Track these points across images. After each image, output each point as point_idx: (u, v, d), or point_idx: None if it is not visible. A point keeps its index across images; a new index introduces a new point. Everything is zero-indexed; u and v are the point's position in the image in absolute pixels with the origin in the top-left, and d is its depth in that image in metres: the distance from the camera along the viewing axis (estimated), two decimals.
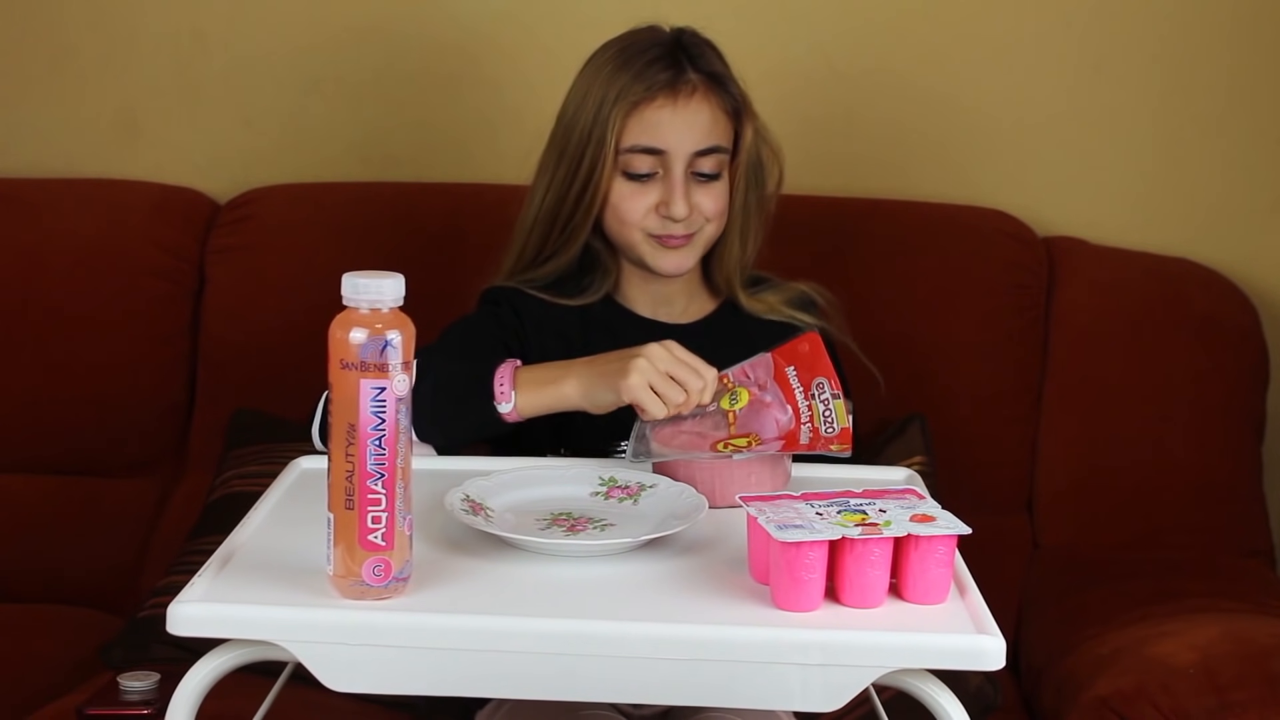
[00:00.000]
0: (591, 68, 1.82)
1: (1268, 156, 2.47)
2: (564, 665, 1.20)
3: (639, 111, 1.77)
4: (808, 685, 1.19)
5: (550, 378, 1.60)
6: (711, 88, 1.80)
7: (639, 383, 1.52)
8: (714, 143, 1.79)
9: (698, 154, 1.78)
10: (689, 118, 1.78)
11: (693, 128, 1.78)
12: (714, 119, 1.80)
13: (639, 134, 1.77)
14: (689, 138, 1.78)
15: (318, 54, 2.52)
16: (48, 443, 2.37)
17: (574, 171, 1.80)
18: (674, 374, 1.53)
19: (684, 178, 1.78)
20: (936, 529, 1.25)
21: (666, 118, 1.77)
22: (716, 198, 1.80)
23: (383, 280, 1.20)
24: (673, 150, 1.77)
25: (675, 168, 1.77)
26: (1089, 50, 2.47)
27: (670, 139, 1.77)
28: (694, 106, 1.78)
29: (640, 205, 1.79)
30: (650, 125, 1.77)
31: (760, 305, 1.87)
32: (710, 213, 1.80)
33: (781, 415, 1.53)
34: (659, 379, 1.52)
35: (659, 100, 1.77)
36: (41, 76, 2.55)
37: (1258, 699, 1.70)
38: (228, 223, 2.43)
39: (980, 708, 1.96)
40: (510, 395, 1.59)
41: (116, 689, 1.89)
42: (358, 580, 1.22)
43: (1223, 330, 2.34)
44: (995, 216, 2.40)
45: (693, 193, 1.79)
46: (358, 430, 1.20)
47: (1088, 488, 2.30)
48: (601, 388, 1.56)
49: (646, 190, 1.79)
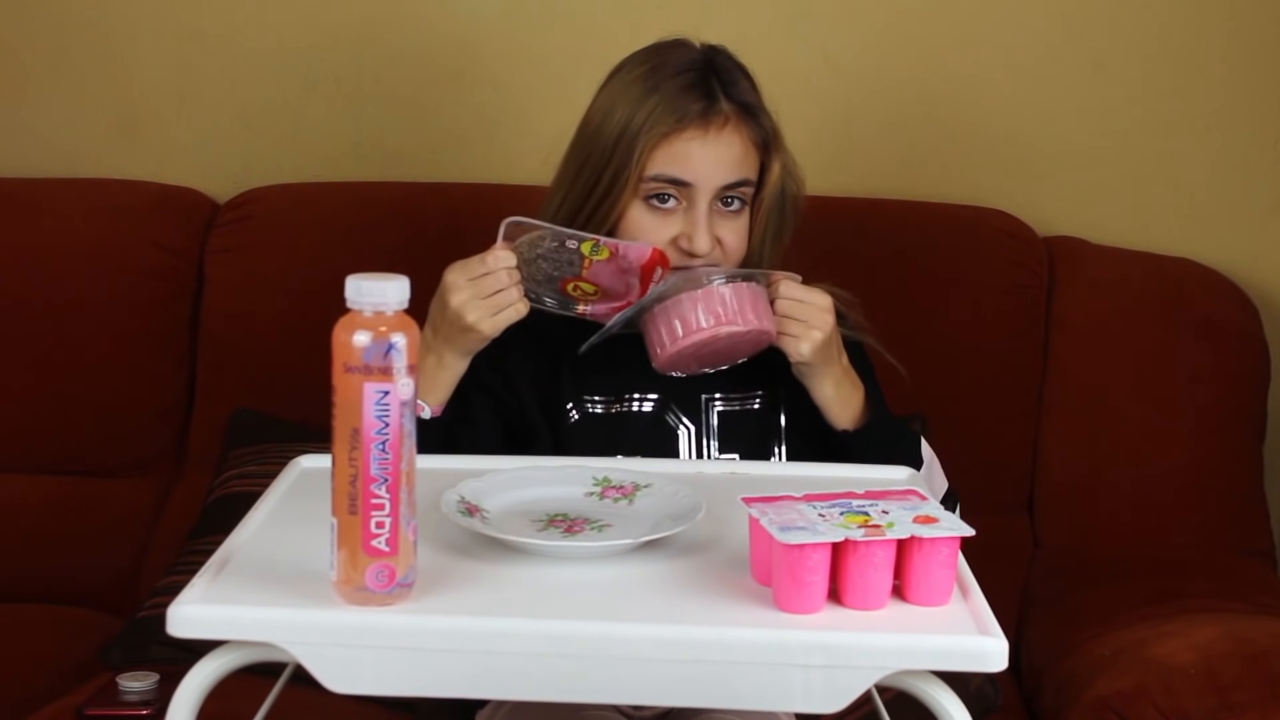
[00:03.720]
0: (620, 83, 1.76)
1: (1268, 156, 2.47)
2: (564, 666, 1.20)
3: (668, 141, 1.71)
4: (810, 686, 1.19)
5: (430, 368, 1.67)
6: (743, 119, 1.74)
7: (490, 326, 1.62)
8: (742, 176, 1.73)
9: (725, 187, 1.73)
10: (719, 151, 1.72)
11: (722, 161, 1.72)
12: (745, 152, 1.74)
13: (665, 163, 1.71)
14: (718, 172, 1.71)
15: (317, 54, 2.52)
16: (48, 443, 2.37)
17: (592, 187, 1.74)
18: (489, 291, 1.62)
19: (708, 212, 1.72)
20: (939, 531, 1.25)
21: (696, 150, 1.71)
22: (738, 232, 1.75)
23: (386, 283, 1.20)
24: (700, 184, 1.71)
25: (700, 202, 1.71)
26: (1089, 50, 2.47)
27: (699, 172, 1.71)
28: (725, 140, 1.72)
29: (660, 237, 1.72)
30: (679, 156, 1.71)
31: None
32: (731, 248, 1.74)
33: (630, 275, 1.64)
34: (490, 307, 1.62)
35: (689, 132, 1.71)
36: (41, 76, 2.55)
37: (1258, 699, 1.70)
38: (227, 223, 2.43)
39: (981, 708, 1.96)
40: (422, 405, 1.66)
41: (116, 689, 1.90)
42: (361, 586, 1.21)
43: (1223, 330, 2.34)
44: (995, 216, 2.40)
45: (715, 226, 1.73)
46: (361, 434, 1.20)
47: (1088, 488, 2.30)
48: (470, 344, 1.66)
49: (668, 222, 1.72)
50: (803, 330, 1.67)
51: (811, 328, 1.67)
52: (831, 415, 1.73)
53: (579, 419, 1.77)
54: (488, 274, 1.63)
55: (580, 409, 1.77)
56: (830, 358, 1.70)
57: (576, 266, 1.64)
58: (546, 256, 1.65)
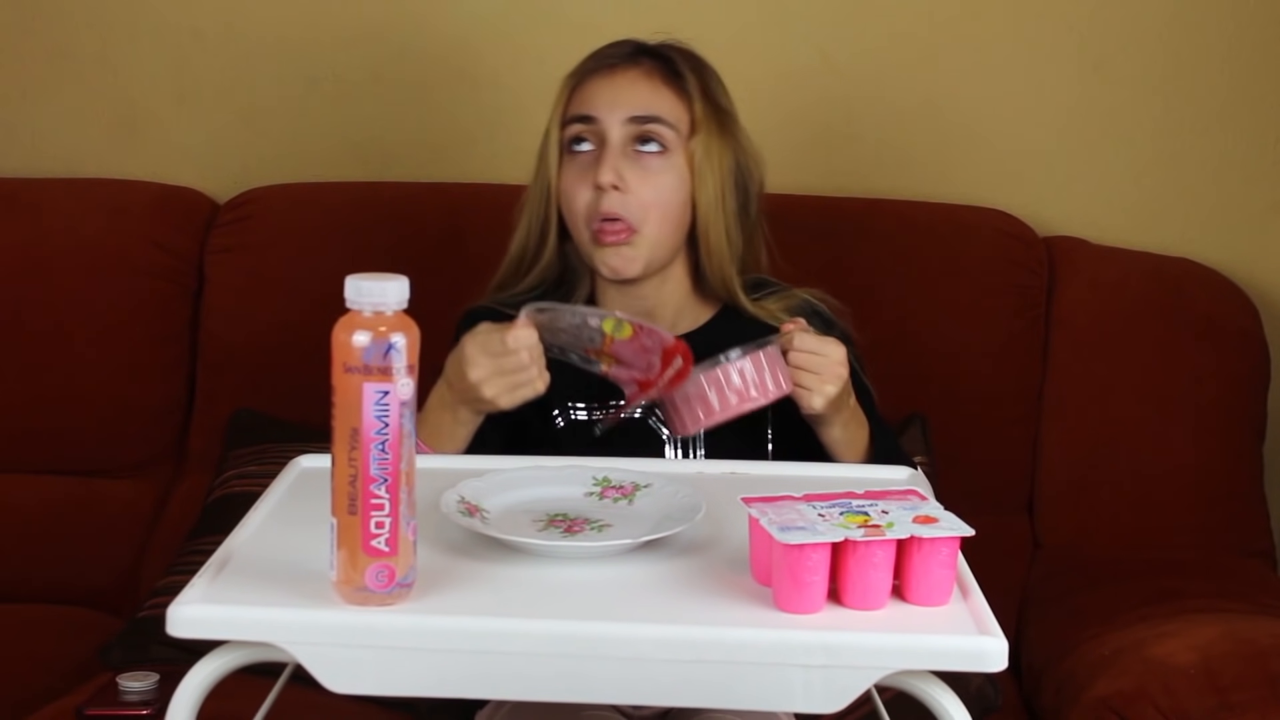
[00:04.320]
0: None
1: (1268, 156, 2.47)
2: (564, 666, 1.20)
3: (580, 85, 1.78)
4: (810, 686, 1.19)
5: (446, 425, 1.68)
6: (659, 68, 1.79)
7: (508, 402, 1.62)
8: (651, 111, 1.76)
9: (633, 120, 1.75)
10: (623, 84, 1.77)
11: (626, 94, 1.76)
12: (654, 91, 1.77)
13: (576, 106, 1.78)
14: (622, 102, 1.75)
15: (317, 53, 2.52)
16: (48, 443, 2.37)
17: (538, 163, 1.80)
18: (508, 371, 1.60)
19: (619, 146, 1.75)
20: (939, 531, 1.25)
21: (600, 85, 1.77)
22: (658, 184, 1.75)
23: (386, 283, 1.20)
24: (603, 116, 1.75)
25: (610, 134, 1.75)
26: (1089, 50, 2.47)
27: (601, 103, 1.76)
28: (630, 76, 1.77)
29: (581, 189, 1.75)
30: (585, 95, 1.78)
31: (761, 312, 1.82)
32: (648, 201, 1.75)
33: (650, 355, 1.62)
34: (508, 386, 1.61)
35: (599, 73, 1.78)
36: (41, 76, 2.55)
37: (1258, 699, 1.70)
38: (227, 223, 2.43)
39: (981, 708, 1.96)
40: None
41: (116, 689, 1.89)
42: (361, 586, 1.21)
43: (1223, 330, 2.34)
44: (995, 216, 2.40)
45: (628, 169, 1.74)
46: (361, 434, 1.19)
47: (1088, 488, 2.30)
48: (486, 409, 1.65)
49: (586, 172, 1.76)
50: (816, 383, 1.66)
51: (825, 381, 1.66)
52: (836, 454, 1.73)
53: (564, 425, 1.78)
54: (509, 354, 1.61)
55: (566, 415, 1.78)
56: (842, 406, 1.69)
57: (598, 342, 1.64)
58: (568, 331, 1.64)
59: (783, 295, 1.85)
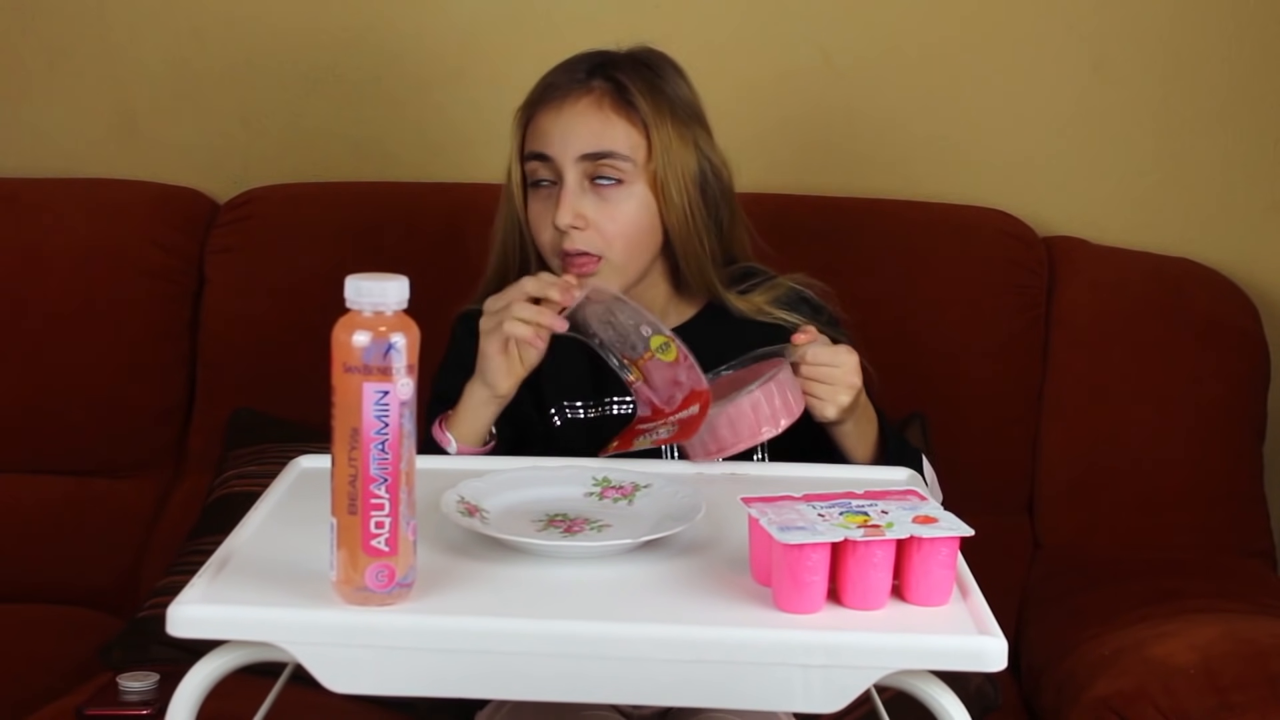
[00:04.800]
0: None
1: (1268, 156, 2.47)
2: (564, 666, 1.20)
3: (533, 118, 1.76)
4: (809, 686, 1.19)
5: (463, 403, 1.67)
6: (610, 95, 1.74)
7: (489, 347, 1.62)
8: (604, 148, 1.72)
9: (586, 158, 1.72)
10: (572, 120, 1.73)
11: (576, 131, 1.73)
12: (605, 123, 1.73)
13: (531, 141, 1.76)
14: (572, 141, 1.72)
15: (317, 53, 2.52)
16: (48, 443, 2.37)
17: (505, 195, 1.79)
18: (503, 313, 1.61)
19: (576, 185, 1.72)
20: (939, 531, 1.25)
21: (550, 122, 1.74)
22: (618, 216, 1.73)
23: (386, 283, 1.20)
24: (556, 154, 1.73)
25: (566, 174, 1.72)
26: (1089, 50, 2.47)
27: (554, 142, 1.73)
28: (580, 110, 1.73)
29: (545, 225, 1.74)
30: (539, 132, 1.75)
31: (747, 306, 1.81)
32: (610, 233, 1.73)
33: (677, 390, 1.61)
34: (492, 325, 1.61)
35: (550, 105, 1.75)
36: (41, 76, 2.55)
37: (1258, 699, 1.70)
38: (227, 223, 2.43)
39: (981, 708, 1.96)
40: (452, 441, 1.67)
41: (116, 689, 1.89)
42: (361, 586, 1.21)
43: (1223, 330, 2.34)
44: (995, 216, 2.40)
45: (587, 205, 1.72)
46: (361, 434, 1.19)
47: (1088, 488, 2.30)
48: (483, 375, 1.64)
49: (549, 208, 1.74)
50: (829, 393, 1.64)
51: (839, 392, 1.64)
52: (846, 451, 1.72)
53: (561, 425, 1.79)
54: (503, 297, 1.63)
55: (562, 414, 1.79)
56: (854, 411, 1.68)
57: (639, 352, 1.64)
58: (619, 327, 1.64)
59: (769, 286, 1.83)
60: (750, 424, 1.59)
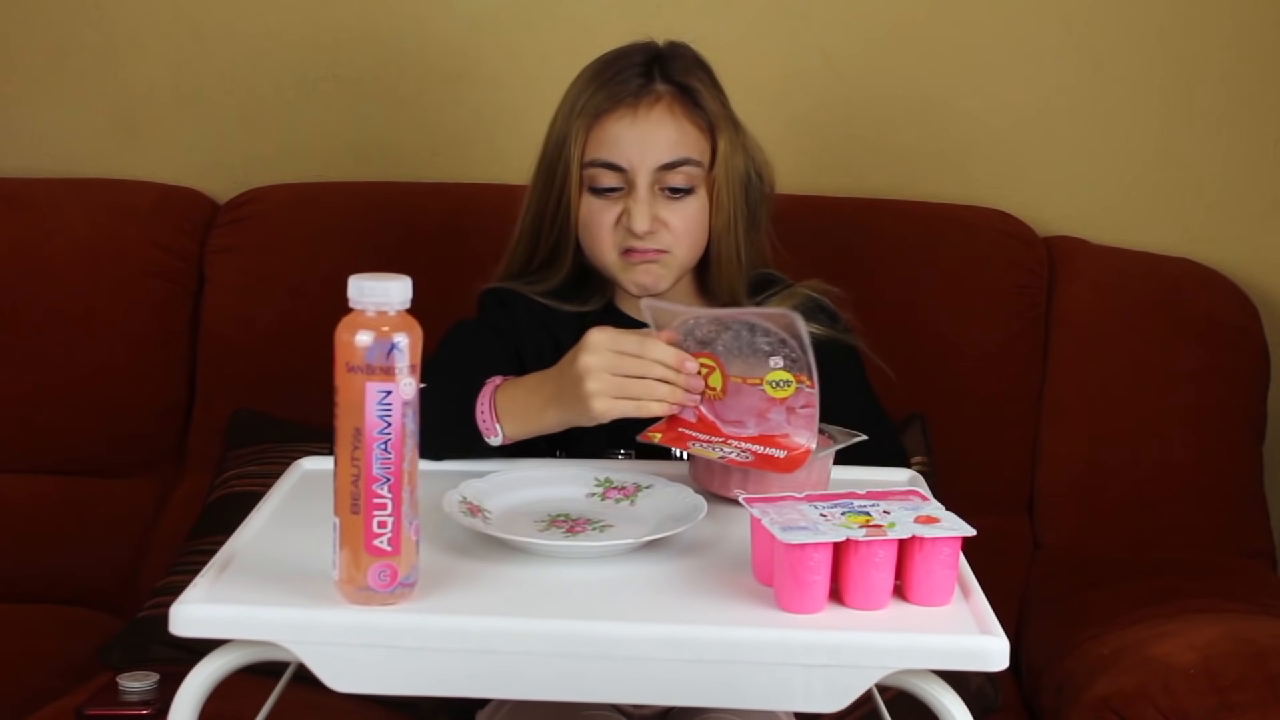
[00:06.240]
0: (575, 81, 1.79)
1: (1268, 156, 2.47)
2: (566, 666, 1.20)
3: (600, 124, 1.73)
4: (811, 686, 1.20)
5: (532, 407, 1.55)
6: (679, 100, 1.75)
7: (605, 407, 1.48)
8: (680, 155, 1.73)
9: (662, 168, 1.73)
10: (649, 130, 1.73)
11: (653, 141, 1.72)
12: (680, 131, 1.74)
13: (597, 148, 1.73)
14: (650, 152, 1.72)
15: (317, 54, 2.52)
16: (48, 443, 2.37)
17: (548, 187, 1.77)
18: (626, 373, 1.48)
19: (649, 192, 1.72)
20: (941, 531, 1.25)
21: (625, 132, 1.72)
22: (686, 216, 1.74)
23: (389, 282, 1.20)
24: (633, 165, 1.72)
25: (639, 182, 1.72)
26: (1089, 50, 2.47)
27: (631, 153, 1.72)
28: (655, 118, 1.73)
29: (605, 220, 1.74)
30: (609, 140, 1.73)
31: None
32: (679, 232, 1.74)
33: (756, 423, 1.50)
34: (617, 388, 1.48)
35: (619, 112, 1.73)
36: (41, 76, 2.55)
37: (1258, 699, 1.70)
38: (227, 223, 2.43)
39: (981, 708, 1.96)
40: (496, 429, 1.57)
41: (116, 689, 1.89)
42: (363, 585, 1.21)
43: (1223, 330, 2.34)
44: (995, 216, 2.40)
45: (660, 208, 1.73)
46: (363, 434, 1.20)
47: (1088, 488, 2.30)
48: (575, 415, 1.52)
49: (612, 205, 1.74)
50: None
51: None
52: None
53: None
54: (636, 357, 1.49)
55: None
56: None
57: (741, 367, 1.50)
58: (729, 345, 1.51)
59: (786, 294, 1.84)
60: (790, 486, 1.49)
